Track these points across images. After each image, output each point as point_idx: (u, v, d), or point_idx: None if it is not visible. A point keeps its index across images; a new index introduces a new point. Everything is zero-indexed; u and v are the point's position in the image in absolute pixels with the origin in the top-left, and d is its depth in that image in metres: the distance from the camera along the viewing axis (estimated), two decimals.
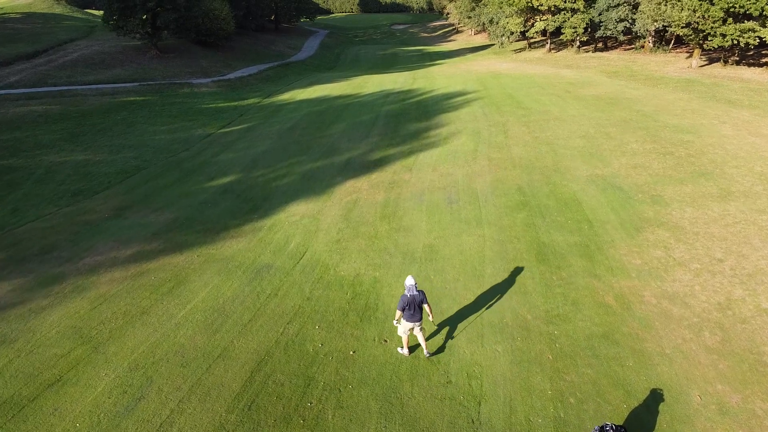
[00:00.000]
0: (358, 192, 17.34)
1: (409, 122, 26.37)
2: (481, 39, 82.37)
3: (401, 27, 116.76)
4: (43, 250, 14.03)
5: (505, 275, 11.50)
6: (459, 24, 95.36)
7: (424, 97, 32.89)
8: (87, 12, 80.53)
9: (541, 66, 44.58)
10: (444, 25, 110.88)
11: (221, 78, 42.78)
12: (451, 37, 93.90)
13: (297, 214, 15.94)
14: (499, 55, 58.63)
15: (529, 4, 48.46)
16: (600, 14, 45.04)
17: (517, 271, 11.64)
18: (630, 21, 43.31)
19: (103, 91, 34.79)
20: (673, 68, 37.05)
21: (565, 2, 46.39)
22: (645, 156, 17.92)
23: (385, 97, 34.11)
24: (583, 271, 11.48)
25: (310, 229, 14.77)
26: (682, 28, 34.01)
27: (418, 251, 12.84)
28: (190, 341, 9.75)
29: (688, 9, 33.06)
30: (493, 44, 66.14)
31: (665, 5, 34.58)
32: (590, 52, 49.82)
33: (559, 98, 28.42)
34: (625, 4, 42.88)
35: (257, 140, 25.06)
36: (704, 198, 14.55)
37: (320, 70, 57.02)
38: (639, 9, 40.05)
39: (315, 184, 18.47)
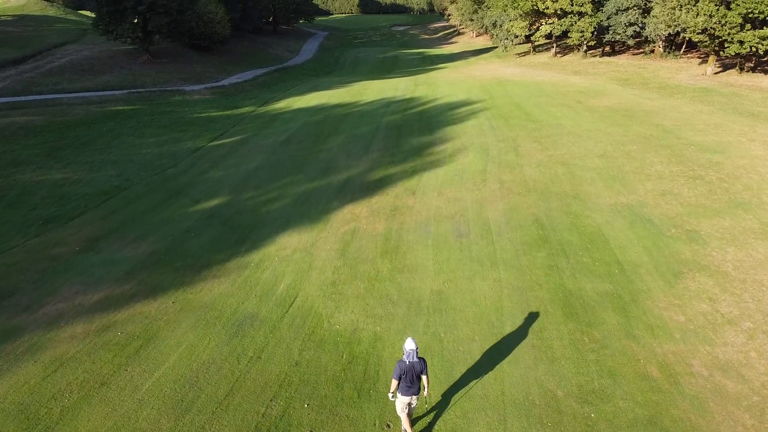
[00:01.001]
0: (357, 220, 15.73)
1: (412, 136, 24.75)
2: (483, 41, 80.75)
3: (401, 28, 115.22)
4: (2, 294, 12.40)
5: (528, 334, 9.89)
6: (460, 26, 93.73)
7: (426, 106, 31.27)
8: (81, 14, 78.84)
9: (548, 72, 42.96)
10: (445, 26, 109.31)
11: (215, 84, 41.14)
12: (453, 39, 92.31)
13: (288, 247, 14.33)
14: (502, 59, 57.02)
15: (535, 8, 46.85)
16: (608, 18, 43.43)
17: (542, 328, 10.02)
18: (640, 25, 41.68)
19: (90, 100, 33.16)
20: (687, 75, 35.43)
21: (572, 5, 44.75)
22: (673, 180, 16.30)
23: (386, 106, 32.49)
24: (618, 329, 9.86)
25: (303, 266, 13.16)
26: (698, 34, 32.40)
27: (424, 299, 11.22)
28: (154, 426, 8.12)
29: (704, 14, 31.45)
30: (496, 47, 64.55)
31: (680, 10, 32.96)
32: (598, 57, 48.19)
33: (570, 109, 26.79)
34: (634, 8, 41.25)
35: (249, 155, 23.44)
36: (746, 234, 12.93)
37: (318, 74, 55.40)
38: (651, 13, 38.41)
39: (309, 210, 16.85)
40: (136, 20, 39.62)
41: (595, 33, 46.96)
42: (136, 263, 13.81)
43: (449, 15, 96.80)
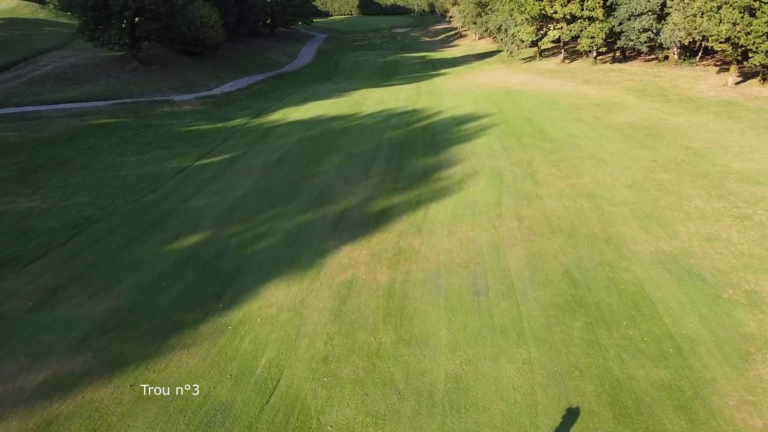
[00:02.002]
0: (355, 267, 13.65)
1: (415, 156, 22.67)
2: (485, 44, 78.66)
3: (402, 30, 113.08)
4: None
5: None
6: (462, 28, 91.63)
7: (430, 120, 29.19)
8: (72, 16, 76.63)
9: (557, 80, 40.90)
10: (446, 28, 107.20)
11: (207, 93, 39.04)
12: (454, 42, 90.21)
13: (274, 303, 12.26)
14: (507, 65, 54.93)
15: (543, 12, 44.76)
16: (620, 24, 41.34)
17: None
18: (654, 31, 39.60)
19: (72, 112, 31.05)
20: (706, 86, 33.36)
21: (582, 10, 42.67)
22: (717, 221, 14.21)
23: (387, 119, 30.41)
24: None
25: (289, 332, 11.09)
26: (721, 43, 30.33)
27: (438, 388, 9.13)
28: None
29: (728, 22, 29.37)
30: (500, 51, 62.45)
31: (701, 18, 30.90)
32: (608, 63, 46.11)
33: (587, 126, 24.71)
34: (648, 13, 39.18)
35: (237, 178, 21.36)
36: None
37: (317, 80, 53.32)
38: (668, 20, 36.32)
39: (301, 251, 14.77)
40: (123, 25, 37.47)
41: (606, 39, 44.84)
42: (95, 325, 11.74)
43: (451, 17, 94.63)
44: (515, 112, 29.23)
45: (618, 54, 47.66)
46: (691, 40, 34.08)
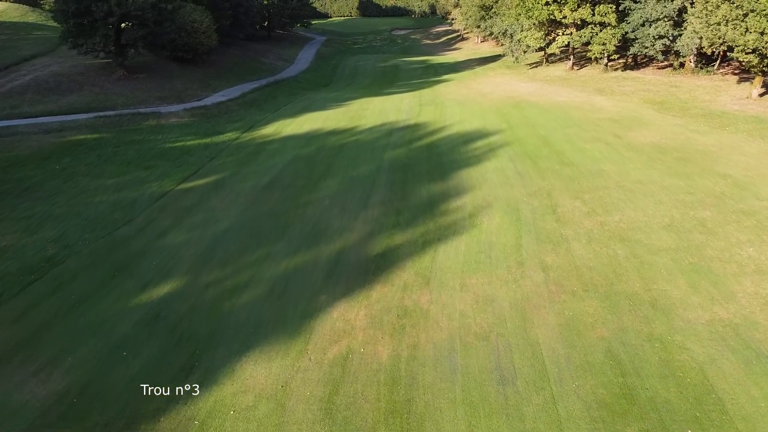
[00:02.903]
0: (351, 334, 11.49)
1: (420, 182, 20.50)
2: (489, 47, 76.52)
3: (402, 32, 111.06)
4: None
5: None
6: (464, 31, 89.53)
7: (435, 137, 27.02)
8: None
9: (567, 89, 38.72)
10: (448, 30, 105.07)
11: (197, 104, 36.86)
12: (456, 45, 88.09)
13: (251, 387, 10.12)
14: (512, 71, 52.72)
15: (551, 17, 42.59)
16: (634, 30, 39.16)
17: None
18: (670, 38, 37.42)
19: (49, 127, 28.88)
20: (729, 98, 31.20)
21: (593, 15, 40.52)
22: None
23: (388, 135, 28.25)
24: None
25: None
26: (747, 53, 28.16)
27: None
28: None
29: (755, 32, 27.19)
30: (504, 55, 60.22)
31: (725, 26, 28.72)
32: (620, 71, 43.91)
33: (609, 147, 22.54)
34: (664, 19, 37.00)
35: (222, 207, 19.22)
36: None
37: (314, 88, 51.13)
38: (687, 27, 34.17)
39: (287, 310, 12.62)
40: (108, 32, 35.22)
41: (616, 44, 42.62)
42: (34, 417, 9.61)
43: (453, 19, 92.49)
44: (527, 128, 27.04)
45: (630, 60, 45.46)
46: (714, 50, 31.87)
